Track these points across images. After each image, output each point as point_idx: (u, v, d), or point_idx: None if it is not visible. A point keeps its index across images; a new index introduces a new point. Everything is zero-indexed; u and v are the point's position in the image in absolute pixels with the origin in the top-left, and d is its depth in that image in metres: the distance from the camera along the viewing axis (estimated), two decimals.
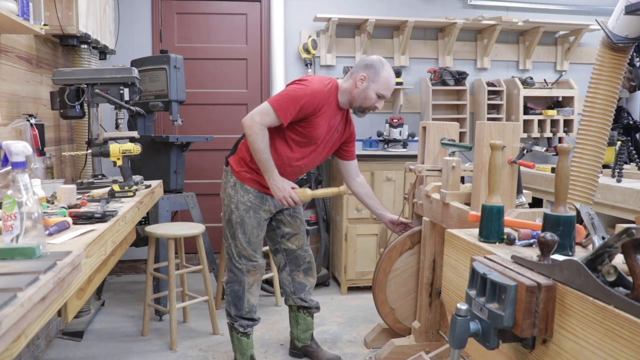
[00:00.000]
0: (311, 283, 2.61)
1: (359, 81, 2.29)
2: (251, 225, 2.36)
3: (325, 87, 2.28)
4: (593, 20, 3.87)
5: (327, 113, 2.28)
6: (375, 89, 2.28)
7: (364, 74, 2.28)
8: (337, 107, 2.34)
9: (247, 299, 2.41)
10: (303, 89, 2.22)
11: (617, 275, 0.91)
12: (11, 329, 0.90)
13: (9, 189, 1.24)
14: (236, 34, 4.13)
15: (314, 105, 2.21)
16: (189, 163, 4.01)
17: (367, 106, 2.33)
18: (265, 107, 2.22)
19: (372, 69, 2.29)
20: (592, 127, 2.33)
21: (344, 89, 2.33)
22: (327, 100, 2.26)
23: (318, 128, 2.28)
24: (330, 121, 2.32)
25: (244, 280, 2.39)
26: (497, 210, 1.39)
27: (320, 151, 2.39)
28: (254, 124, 2.20)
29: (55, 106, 2.58)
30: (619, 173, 2.94)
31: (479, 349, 1.26)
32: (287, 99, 2.20)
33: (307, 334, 2.65)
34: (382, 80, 2.28)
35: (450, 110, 4.30)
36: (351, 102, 2.33)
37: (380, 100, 2.33)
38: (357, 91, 2.29)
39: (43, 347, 2.76)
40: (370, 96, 2.29)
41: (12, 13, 2.01)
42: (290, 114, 2.19)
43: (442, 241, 2.00)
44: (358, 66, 2.33)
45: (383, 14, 4.16)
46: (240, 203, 2.35)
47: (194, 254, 3.93)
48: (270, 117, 2.20)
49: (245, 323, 2.44)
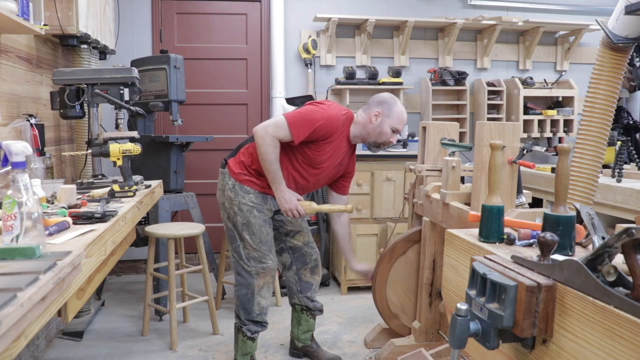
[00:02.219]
0: (317, 282, 2.61)
1: (373, 117, 2.34)
2: (258, 224, 2.34)
3: (342, 116, 2.32)
4: (593, 20, 3.87)
5: (336, 141, 2.31)
6: (390, 123, 2.35)
7: (378, 110, 2.34)
8: (347, 139, 2.38)
9: (257, 302, 2.39)
10: (321, 112, 2.25)
11: (617, 275, 0.91)
12: (11, 329, 0.90)
13: (9, 189, 1.24)
14: (236, 34, 4.13)
15: (327, 130, 2.24)
16: (189, 163, 4.01)
17: (382, 141, 2.38)
18: (280, 121, 2.22)
19: (385, 105, 2.35)
20: (592, 127, 2.33)
21: (358, 122, 2.37)
22: (340, 129, 2.30)
23: (325, 154, 2.31)
24: (338, 150, 2.35)
25: (252, 283, 2.37)
26: (497, 210, 1.39)
27: (320, 177, 2.40)
28: (267, 134, 2.20)
29: (55, 106, 2.58)
30: (619, 173, 2.94)
31: (479, 349, 1.26)
32: (304, 118, 2.22)
33: (307, 335, 2.65)
34: (396, 115, 2.35)
35: (450, 110, 4.30)
36: (365, 138, 2.38)
37: (395, 135, 2.39)
38: (372, 126, 2.35)
39: (43, 347, 2.76)
40: (385, 131, 2.35)
41: (12, 13, 2.01)
42: (303, 134, 2.21)
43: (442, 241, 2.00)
44: (371, 103, 2.38)
45: (383, 14, 4.16)
46: (243, 204, 2.33)
47: (194, 254, 3.93)
48: (284, 131, 2.21)
49: (254, 328, 2.42)
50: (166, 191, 3.21)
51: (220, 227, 3.64)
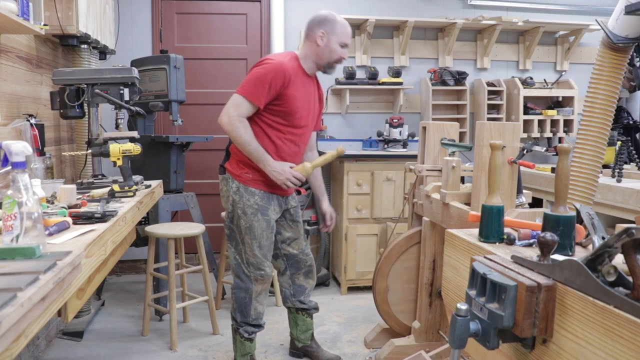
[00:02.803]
0: (311, 285, 2.60)
1: (319, 39, 2.28)
2: (260, 228, 2.31)
3: (286, 57, 2.28)
4: (593, 20, 3.87)
5: (297, 83, 2.26)
6: (336, 40, 2.29)
7: (322, 30, 2.28)
8: (305, 76, 2.33)
9: (254, 307, 2.39)
10: (265, 67, 2.21)
11: (617, 275, 0.91)
12: (11, 329, 0.90)
13: (9, 189, 1.24)
14: (236, 34, 4.13)
15: (281, 77, 2.19)
16: (189, 163, 4.01)
17: (334, 59, 2.32)
18: (235, 99, 2.21)
19: (327, 23, 2.29)
20: (592, 127, 2.33)
21: (306, 54, 2.33)
22: (292, 69, 2.24)
23: (295, 100, 2.26)
24: (303, 90, 2.30)
25: (251, 288, 2.36)
26: (497, 210, 1.39)
27: (305, 129, 2.36)
28: (232, 118, 2.20)
29: (55, 106, 2.58)
30: (619, 173, 2.94)
31: (479, 349, 1.26)
32: (253, 81, 2.20)
33: (307, 334, 2.64)
34: (339, 29, 2.30)
35: (450, 110, 4.30)
36: (318, 62, 2.33)
37: (345, 50, 2.33)
38: (320, 49, 2.29)
39: (43, 347, 2.76)
40: (334, 48, 2.29)
41: (12, 13, 2.01)
42: (261, 95, 2.18)
43: (442, 241, 2.00)
44: (311, 26, 2.32)
45: (383, 14, 4.16)
46: (247, 207, 2.30)
47: (194, 254, 3.93)
48: (244, 105, 2.20)
49: (251, 329, 2.42)
50: (166, 191, 3.21)
51: (220, 227, 3.64)
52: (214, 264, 3.47)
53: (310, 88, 2.37)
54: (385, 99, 4.25)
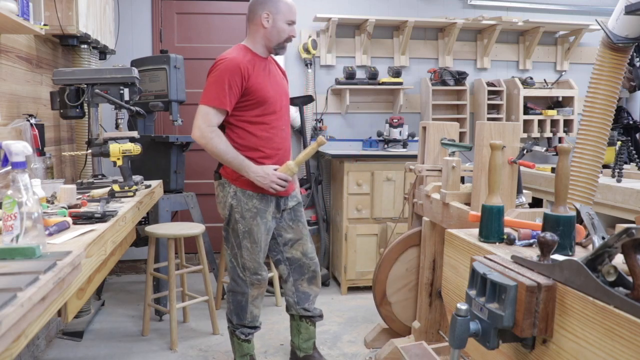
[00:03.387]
0: (315, 292, 2.51)
1: (264, 20, 2.22)
2: (259, 232, 2.27)
3: (235, 52, 2.22)
4: (593, 20, 3.87)
5: (256, 71, 2.21)
6: (282, 19, 2.23)
7: (266, 12, 2.21)
8: (261, 60, 2.27)
9: (250, 311, 2.36)
10: (218, 70, 2.16)
11: (617, 275, 0.91)
12: (11, 329, 0.90)
13: (9, 189, 1.24)
14: (236, 34, 4.13)
15: (238, 73, 2.14)
16: (189, 163, 4.01)
17: (284, 39, 2.26)
18: (201, 110, 2.17)
19: (269, 2, 2.22)
20: (592, 127, 2.33)
21: (254, 40, 2.27)
22: (245, 59, 2.19)
23: (262, 88, 2.21)
24: (265, 75, 2.25)
25: (247, 292, 2.33)
26: (497, 210, 1.39)
27: (281, 114, 2.31)
28: (203, 131, 2.15)
29: (55, 106, 2.58)
30: (619, 173, 2.94)
31: (479, 349, 1.26)
32: (213, 87, 2.15)
33: (309, 344, 2.55)
34: (284, 7, 2.23)
35: (450, 110, 4.30)
36: (267, 45, 2.26)
37: (293, 27, 2.27)
38: (267, 31, 2.23)
39: (43, 347, 2.76)
40: (282, 28, 2.23)
41: (12, 13, 2.01)
42: (224, 97, 2.14)
43: (442, 241, 2.00)
44: (253, 9, 2.25)
45: (383, 14, 4.16)
46: (246, 211, 2.26)
47: (194, 254, 3.93)
48: (211, 114, 2.16)
49: (247, 331, 2.39)
50: (166, 191, 3.21)
51: (220, 227, 3.63)
52: (214, 264, 3.47)
53: (271, 69, 2.31)
54: (385, 99, 4.25)
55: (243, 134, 2.24)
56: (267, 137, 2.26)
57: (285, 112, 2.37)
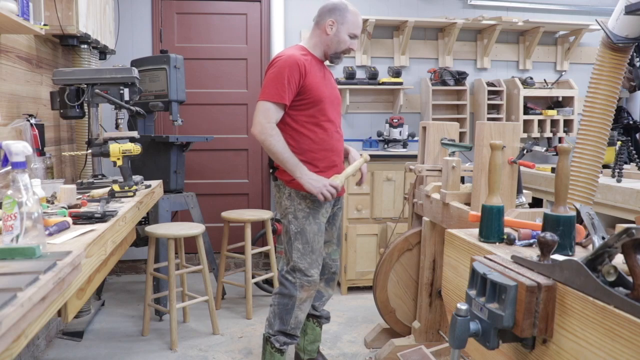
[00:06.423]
0: (329, 294, 2.50)
1: (328, 27, 2.24)
2: (312, 232, 2.25)
3: (293, 50, 2.24)
4: (593, 20, 3.87)
5: (313, 70, 2.22)
6: (346, 30, 2.24)
7: (332, 19, 2.23)
8: (318, 62, 2.29)
9: (296, 315, 2.29)
10: (276, 66, 2.17)
11: (617, 275, 0.91)
12: (11, 329, 0.90)
13: (9, 189, 1.24)
14: (236, 34, 4.13)
15: (296, 69, 2.15)
16: (189, 163, 4.02)
17: (342, 50, 2.28)
18: (261, 106, 2.16)
19: (337, 12, 2.24)
20: (592, 127, 2.33)
21: (315, 42, 2.29)
22: (304, 58, 2.20)
23: (318, 88, 2.21)
24: (321, 76, 2.26)
25: (295, 295, 2.26)
26: (497, 210, 1.39)
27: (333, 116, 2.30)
28: (264, 126, 2.13)
29: (55, 106, 2.58)
30: (619, 173, 2.94)
31: (479, 349, 1.26)
32: (272, 83, 2.15)
33: (314, 346, 2.53)
34: (350, 20, 2.25)
35: (450, 110, 4.30)
36: (326, 51, 2.28)
37: (354, 41, 2.29)
38: (329, 38, 2.25)
39: (43, 347, 2.76)
40: (343, 39, 2.25)
41: (12, 13, 2.01)
42: (283, 92, 2.14)
43: (442, 241, 2.00)
44: (321, 14, 2.27)
45: (383, 14, 4.16)
46: (299, 211, 2.24)
47: (194, 254, 3.93)
48: (271, 109, 2.15)
49: (283, 340, 2.31)
50: (166, 191, 3.21)
51: (220, 227, 3.64)
52: (213, 264, 3.47)
53: (325, 73, 2.32)
54: (385, 99, 4.25)
55: (297, 136, 2.21)
56: (324, 138, 2.25)
57: (337, 116, 2.35)
